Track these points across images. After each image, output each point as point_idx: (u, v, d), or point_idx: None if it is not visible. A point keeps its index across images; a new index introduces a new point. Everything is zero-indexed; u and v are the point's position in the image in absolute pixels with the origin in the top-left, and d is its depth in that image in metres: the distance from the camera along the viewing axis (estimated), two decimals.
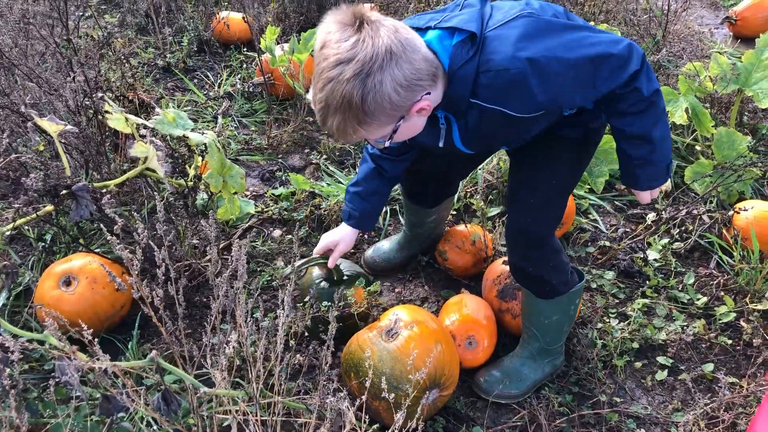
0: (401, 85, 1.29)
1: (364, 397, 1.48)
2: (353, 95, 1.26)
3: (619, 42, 1.45)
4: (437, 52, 1.38)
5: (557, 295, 1.81)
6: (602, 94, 1.48)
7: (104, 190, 1.83)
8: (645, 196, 1.72)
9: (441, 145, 1.58)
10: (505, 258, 2.19)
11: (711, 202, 2.67)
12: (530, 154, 1.75)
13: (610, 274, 2.35)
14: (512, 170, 1.86)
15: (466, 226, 2.34)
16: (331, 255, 1.96)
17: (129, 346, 1.98)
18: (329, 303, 1.94)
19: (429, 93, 1.36)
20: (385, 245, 2.38)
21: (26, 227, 2.34)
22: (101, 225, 1.63)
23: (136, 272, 1.39)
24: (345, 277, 2.06)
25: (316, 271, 2.06)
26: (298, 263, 1.92)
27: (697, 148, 2.84)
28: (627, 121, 1.54)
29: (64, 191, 1.72)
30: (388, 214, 2.60)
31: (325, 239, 1.96)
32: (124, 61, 2.87)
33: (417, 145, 1.80)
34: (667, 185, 2.67)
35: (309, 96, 1.43)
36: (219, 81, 3.41)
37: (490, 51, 1.38)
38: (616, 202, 2.73)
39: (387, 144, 1.44)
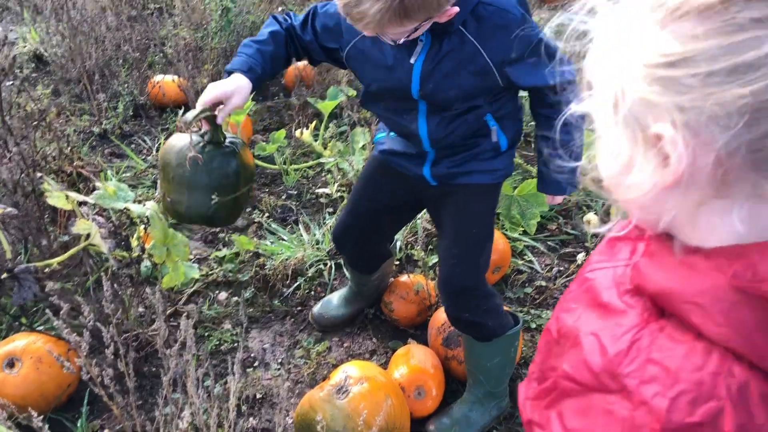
0: None
1: None
2: None
3: None
4: None
5: (496, 337, 1.89)
6: (547, 84, 1.60)
7: (46, 270, 1.84)
8: (559, 198, 1.92)
9: (412, 61, 1.57)
10: None
11: None
12: (449, 206, 1.85)
13: (548, 313, 2.46)
14: (436, 225, 1.97)
15: (409, 277, 2.41)
16: (221, 109, 1.63)
17: (78, 425, 1.95)
18: (219, 167, 1.66)
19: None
20: (334, 301, 2.43)
21: None
22: (45, 305, 1.64)
23: (85, 353, 1.41)
24: (228, 141, 1.73)
25: (196, 135, 1.70)
26: (191, 114, 1.58)
27: None
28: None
29: (4, 275, 1.72)
30: (333, 269, 2.66)
31: (216, 89, 1.59)
32: (61, 135, 2.87)
33: (373, 63, 1.67)
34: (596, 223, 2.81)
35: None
36: (157, 145, 3.43)
37: None
38: (549, 243, 2.86)
39: (400, 41, 1.46)
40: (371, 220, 2.05)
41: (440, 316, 2.25)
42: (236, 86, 1.61)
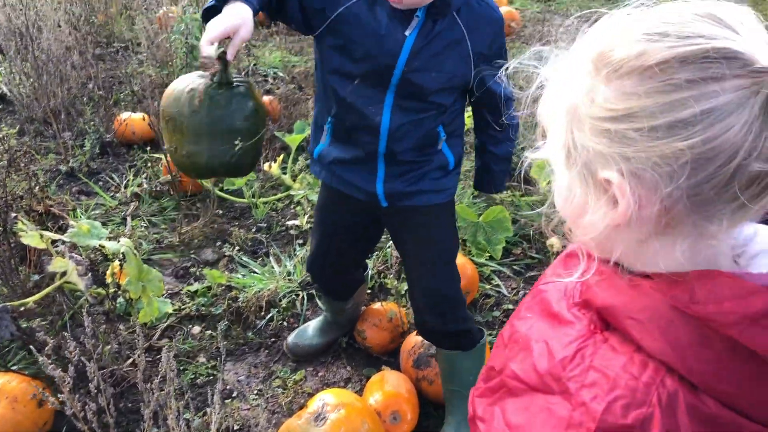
0: None
1: None
2: None
3: None
4: None
5: (478, 342, 2.00)
6: (510, 96, 1.75)
7: (22, 309, 1.85)
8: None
9: (407, 33, 1.60)
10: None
11: None
12: (409, 230, 1.93)
13: None
14: (395, 244, 2.06)
15: (381, 305, 2.47)
16: (228, 44, 1.51)
17: None
18: (238, 108, 1.57)
19: None
20: (309, 331, 2.47)
21: None
22: (22, 344, 1.66)
23: (68, 389, 1.43)
24: (235, 80, 1.63)
25: (194, 77, 1.62)
26: (210, 50, 1.46)
27: None
28: (501, 146, 1.89)
29: None
30: (305, 300, 2.71)
31: (222, 24, 1.46)
32: (31, 174, 2.88)
33: (364, 30, 1.63)
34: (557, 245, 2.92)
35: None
36: (125, 182, 3.45)
37: None
38: (515, 267, 2.95)
39: (402, 3, 1.54)
40: (337, 248, 2.09)
41: (411, 340, 2.31)
42: (241, 18, 1.48)
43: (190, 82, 1.53)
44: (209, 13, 1.50)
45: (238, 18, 1.47)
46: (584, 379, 0.66)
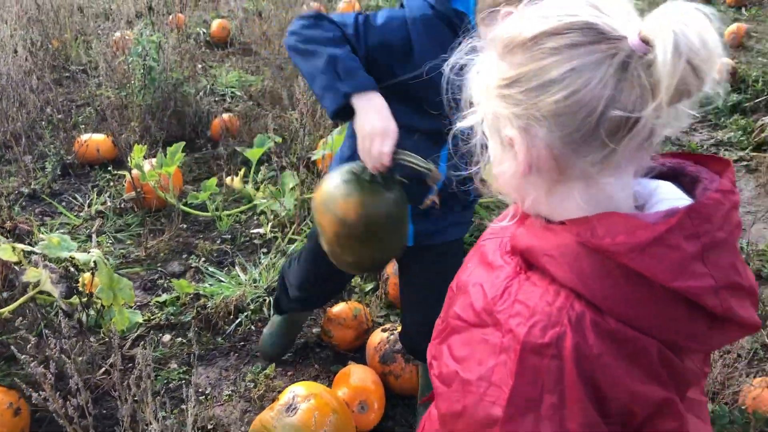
0: None
1: None
2: None
3: None
4: None
5: None
6: None
7: None
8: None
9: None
10: (383, 326, 2.46)
11: None
12: (423, 261, 1.89)
13: None
14: (399, 266, 2.06)
15: (346, 304, 2.59)
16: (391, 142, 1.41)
17: None
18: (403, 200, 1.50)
19: None
20: (274, 331, 2.56)
21: None
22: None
23: (50, 385, 1.51)
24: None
25: (345, 176, 1.50)
26: (414, 159, 1.41)
27: None
28: None
29: None
30: (272, 304, 2.80)
31: (390, 131, 1.39)
32: None
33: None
34: None
35: None
36: (89, 201, 3.50)
37: None
38: None
39: None
40: (340, 272, 1.82)
41: (376, 337, 2.43)
42: (389, 116, 1.41)
43: (348, 187, 1.46)
44: (342, 111, 1.43)
45: (391, 119, 1.41)
46: (511, 311, 0.80)
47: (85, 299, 2.13)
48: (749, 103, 4.68)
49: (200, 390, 2.40)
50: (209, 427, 2.24)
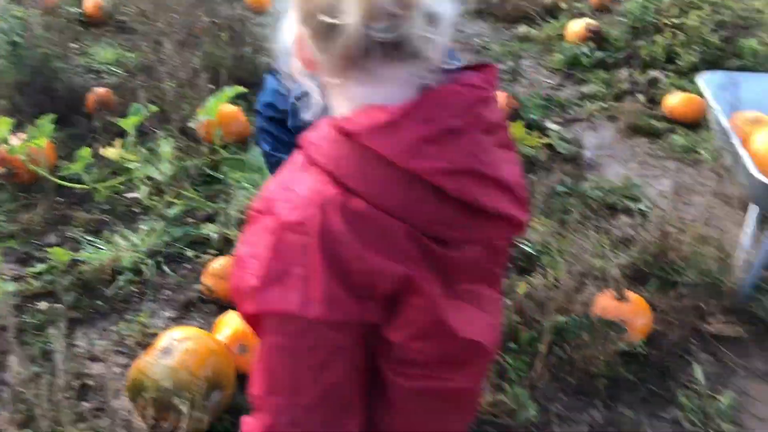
0: None
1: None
2: None
3: None
4: None
5: None
6: None
7: None
8: None
9: None
10: None
11: None
12: None
13: None
14: None
15: (226, 257, 2.64)
16: None
17: None
18: None
19: None
20: None
21: None
22: None
23: None
24: None
25: None
26: None
27: None
28: None
29: None
30: (155, 267, 2.80)
31: None
32: None
33: None
34: None
35: None
36: None
37: None
38: None
39: None
40: None
41: None
42: None
43: None
44: None
45: None
46: (281, 197, 0.90)
47: None
48: (611, 60, 5.02)
49: (80, 350, 2.39)
50: (91, 384, 2.25)
